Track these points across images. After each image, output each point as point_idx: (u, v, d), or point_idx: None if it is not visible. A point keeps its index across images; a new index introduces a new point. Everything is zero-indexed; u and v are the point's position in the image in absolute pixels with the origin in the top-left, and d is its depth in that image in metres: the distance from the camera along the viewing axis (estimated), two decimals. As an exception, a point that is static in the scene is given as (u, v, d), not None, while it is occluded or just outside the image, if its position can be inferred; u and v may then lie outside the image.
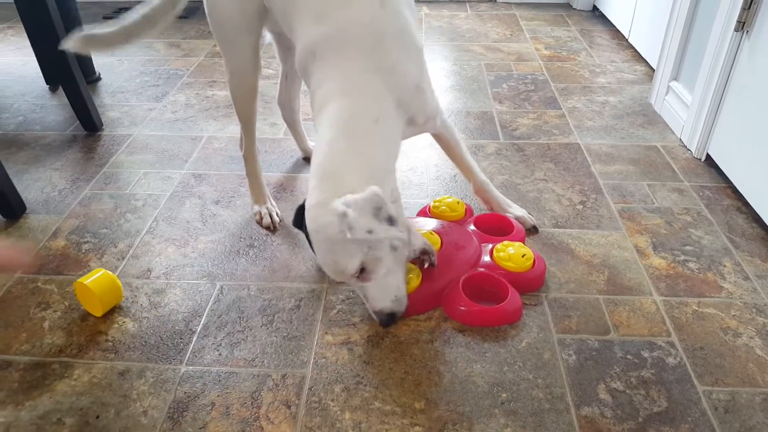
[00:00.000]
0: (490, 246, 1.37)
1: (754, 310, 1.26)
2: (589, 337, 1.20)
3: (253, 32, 1.40)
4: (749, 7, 1.52)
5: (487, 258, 1.34)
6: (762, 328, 1.21)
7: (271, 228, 1.56)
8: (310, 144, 1.84)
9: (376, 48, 1.12)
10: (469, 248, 1.36)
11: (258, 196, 1.61)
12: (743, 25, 1.55)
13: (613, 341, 1.19)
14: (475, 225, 1.45)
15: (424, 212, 1.54)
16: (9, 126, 2.09)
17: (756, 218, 1.52)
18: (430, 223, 1.45)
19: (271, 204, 1.62)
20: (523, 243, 1.41)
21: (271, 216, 1.57)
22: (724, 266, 1.38)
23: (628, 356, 1.16)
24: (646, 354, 1.16)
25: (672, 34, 1.94)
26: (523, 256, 1.31)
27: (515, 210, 1.51)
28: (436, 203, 1.52)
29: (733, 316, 1.25)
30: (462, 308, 1.24)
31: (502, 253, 1.33)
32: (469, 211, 1.53)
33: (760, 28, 1.51)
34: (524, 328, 1.22)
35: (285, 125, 1.85)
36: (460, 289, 1.26)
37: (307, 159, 1.83)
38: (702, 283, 1.34)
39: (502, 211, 1.51)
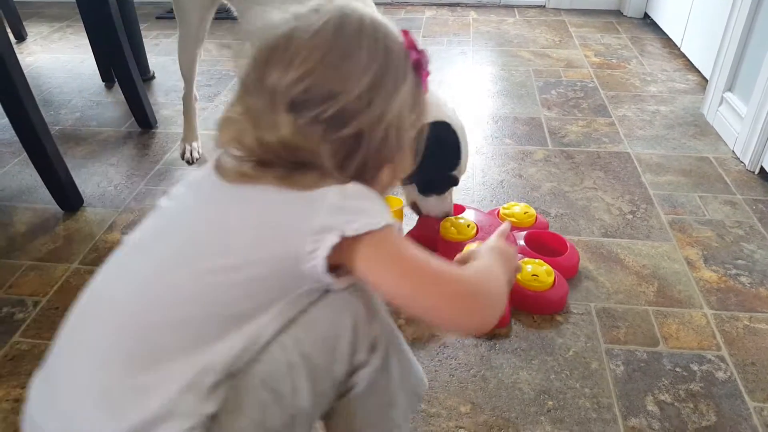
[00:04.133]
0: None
1: (809, 327, 1.24)
2: (637, 348, 1.19)
3: (204, 10, 1.72)
4: (811, 19, 1.50)
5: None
6: (817, 347, 1.19)
7: (190, 162, 1.88)
8: None
9: None
10: None
11: (188, 133, 1.93)
12: (804, 36, 1.52)
13: (662, 353, 1.18)
14: (525, 241, 1.42)
15: (493, 214, 1.52)
16: (67, 122, 2.16)
17: (812, 234, 1.49)
18: (470, 214, 1.48)
19: (198, 143, 1.92)
20: (575, 269, 1.38)
21: (191, 153, 1.89)
22: (778, 282, 1.36)
23: (677, 369, 1.15)
24: (695, 367, 1.15)
25: (728, 44, 1.91)
26: (533, 276, 1.28)
27: None
28: (505, 210, 1.51)
29: (787, 332, 1.23)
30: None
31: (524, 272, 1.29)
32: (540, 224, 1.50)
33: (823, 40, 1.48)
34: (572, 337, 1.22)
35: None
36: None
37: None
38: (754, 297, 1.31)
39: None
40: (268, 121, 0.69)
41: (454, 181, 1.39)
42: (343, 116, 0.69)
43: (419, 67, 0.76)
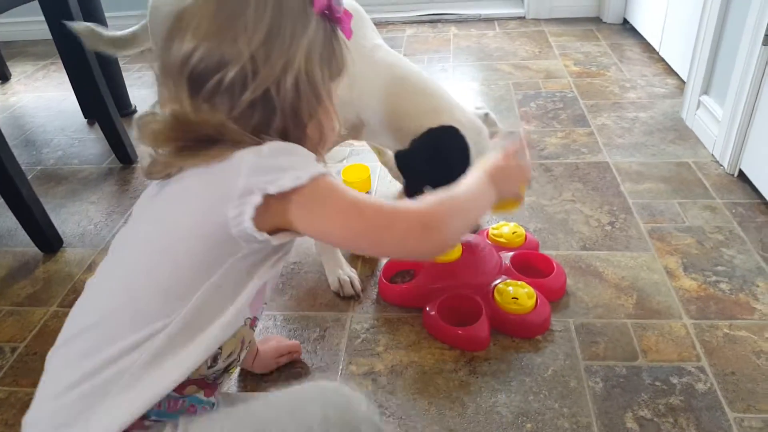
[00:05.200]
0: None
1: (790, 332, 1.22)
2: (616, 364, 1.18)
3: None
4: (776, 20, 1.49)
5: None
6: (798, 352, 1.18)
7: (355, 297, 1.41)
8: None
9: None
10: (483, 278, 1.35)
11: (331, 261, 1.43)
12: (771, 38, 1.52)
13: (642, 367, 1.17)
14: (510, 262, 1.40)
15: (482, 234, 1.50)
16: (49, 161, 2.17)
17: (792, 235, 1.47)
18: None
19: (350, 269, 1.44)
20: (562, 291, 1.35)
21: (352, 283, 1.40)
22: (757, 286, 1.34)
23: (657, 383, 1.13)
24: (675, 380, 1.14)
25: (701, 48, 1.90)
26: (513, 299, 1.25)
27: None
28: (494, 231, 1.49)
29: (767, 338, 1.21)
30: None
31: (504, 295, 1.27)
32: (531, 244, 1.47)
33: (789, 41, 1.47)
34: (550, 355, 1.21)
35: None
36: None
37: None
38: (734, 304, 1.30)
39: None
40: (176, 102, 0.70)
41: None
42: (243, 79, 0.68)
43: (330, 12, 0.73)
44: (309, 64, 0.71)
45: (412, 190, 1.32)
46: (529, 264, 1.41)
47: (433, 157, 1.25)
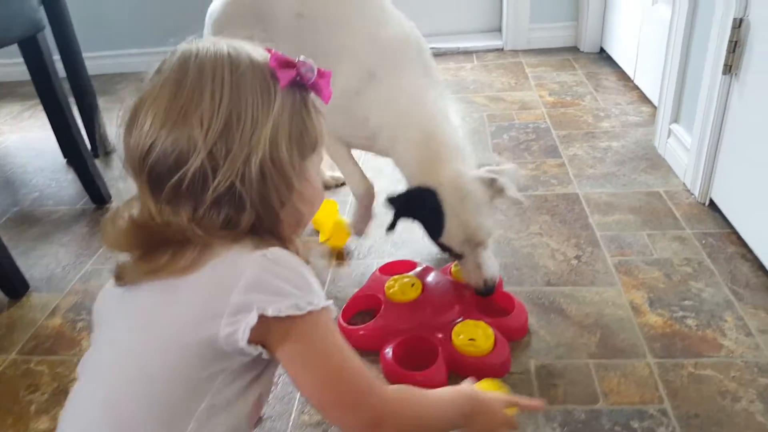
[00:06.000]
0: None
1: (756, 369, 1.19)
2: (575, 408, 1.14)
3: None
4: (734, 51, 1.48)
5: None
6: (764, 391, 1.14)
7: None
8: None
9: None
10: (442, 317, 1.33)
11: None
12: (730, 68, 1.51)
13: (602, 411, 1.13)
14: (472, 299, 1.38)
15: (445, 271, 1.48)
16: (25, 202, 2.16)
17: (761, 266, 1.44)
18: (422, 273, 1.46)
19: None
20: (524, 329, 1.33)
21: None
22: (725, 321, 1.31)
23: (616, 427, 1.10)
24: (635, 424, 1.10)
25: (669, 76, 1.90)
26: (470, 340, 1.23)
27: None
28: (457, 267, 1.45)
29: (733, 377, 1.18)
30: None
31: (461, 336, 1.25)
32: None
33: (746, 72, 1.46)
34: (508, 398, 1.17)
35: None
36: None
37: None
38: (700, 341, 1.27)
39: None
40: (140, 202, 0.66)
41: (449, 249, 1.32)
42: (203, 177, 0.63)
43: (301, 83, 0.68)
44: (275, 150, 0.65)
45: (392, 223, 1.33)
46: (490, 302, 1.38)
47: (408, 209, 1.30)
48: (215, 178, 0.63)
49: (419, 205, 1.29)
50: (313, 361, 0.67)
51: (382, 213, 1.41)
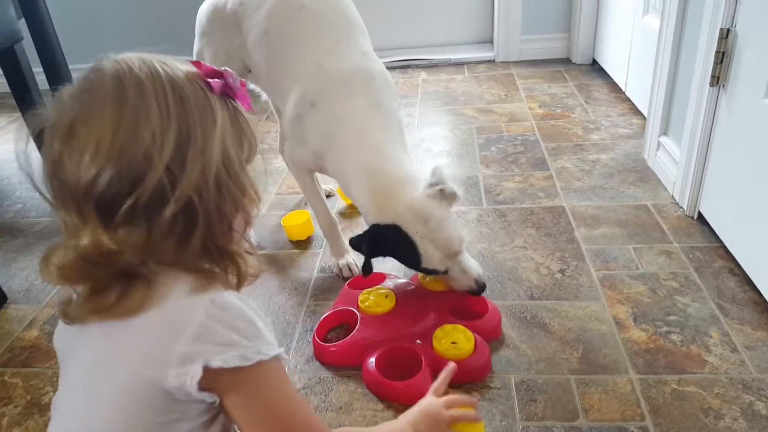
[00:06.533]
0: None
1: (740, 386, 1.16)
2: (555, 424, 1.11)
3: None
4: (721, 62, 1.46)
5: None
6: (747, 408, 1.11)
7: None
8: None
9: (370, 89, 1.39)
10: (420, 325, 1.32)
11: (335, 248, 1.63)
12: (718, 80, 1.49)
13: (581, 428, 1.10)
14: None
15: (415, 279, 1.49)
16: (8, 214, 2.13)
17: (748, 281, 1.41)
18: (390, 283, 1.46)
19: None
20: (498, 330, 1.34)
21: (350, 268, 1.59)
22: (711, 337, 1.28)
23: (596, 445, 1.07)
24: (615, 442, 1.07)
25: (657, 88, 1.88)
26: (453, 344, 1.24)
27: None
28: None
29: (717, 394, 1.15)
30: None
31: (443, 340, 1.25)
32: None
33: (734, 83, 1.44)
34: (486, 415, 1.14)
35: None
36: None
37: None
38: (684, 357, 1.24)
39: None
40: (84, 234, 0.61)
41: (434, 272, 1.32)
42: (161, 195, 0.61)
43: (229, 92, 0.67)
44: (227, 159, 0.64)
45: (365, 266, 1.35)
46: (463, 306, 1.38)
47: (377, 249, 1.31)
48: (173, 194, 0.61)
49: (388, 242, 1.29)
50: (260, 413, 0.65)
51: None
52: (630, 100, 2.44)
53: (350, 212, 1.87)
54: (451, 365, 1.02)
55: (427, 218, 1.26)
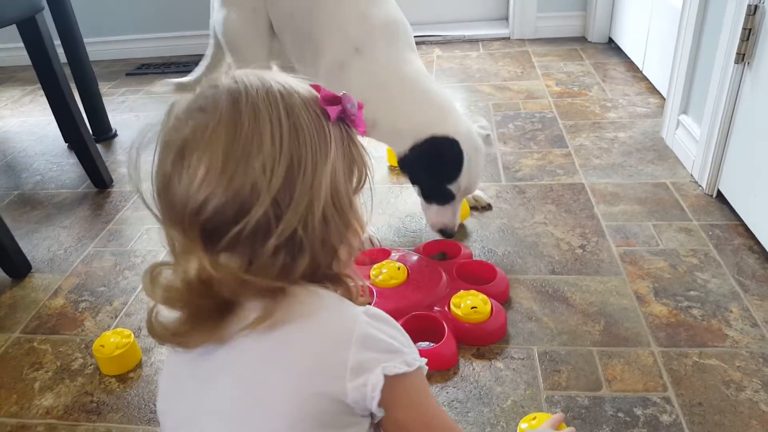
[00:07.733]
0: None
1: (761, 360, 1.18)
2: (578, 394, 1.14)
3: (264, 46, 1.66)
4: (747, 39, 1.46)
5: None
6: (768, 381, 1.13)
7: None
8: None
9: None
10: (435, 292, 1.35)
11: None
12: (743, 57, 1.49)
13: (605, 398, 1.12)
14: (456, 273, 1.42)
15: (419, 250, 1.54)
16: (27, 185, 2.15)
17: (768, 258, 1.43)
18: (395, 255, 1.49)
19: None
20: (507, 293, 1.38)
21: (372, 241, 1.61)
22: (731, 312, 1.30)
23: (620, 414, 1.09)
24: (638, 411, 1.09)
25: (678, 66, 1.88)
26: (473, 308, 1.27)
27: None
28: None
29: (738, 367, 1.17)
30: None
31: (462, 305, 1.29)
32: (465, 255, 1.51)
33: (760, 60, 1.44)
34: (511, 384, 1.17)
35: None
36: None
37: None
38: (705, 331, 1.26)
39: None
40: (191, 259, 0.59)
41: (451, 195, 1.42)
42: (266, 227, 0.59)
43: (345, 118, 0.65)
44: (335, 193, 0.62)
45: (422, 189, 1.48)
46: (471, 272, 1.43)
47: (430, 162, 1.38)
48: (278, 226, 0.59)
49: (445, 152, 1.38)
50: (423, 420, 0.66)
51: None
52: (647, 79, 2.44)
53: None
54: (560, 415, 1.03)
55: (478, 148, 1.42)
